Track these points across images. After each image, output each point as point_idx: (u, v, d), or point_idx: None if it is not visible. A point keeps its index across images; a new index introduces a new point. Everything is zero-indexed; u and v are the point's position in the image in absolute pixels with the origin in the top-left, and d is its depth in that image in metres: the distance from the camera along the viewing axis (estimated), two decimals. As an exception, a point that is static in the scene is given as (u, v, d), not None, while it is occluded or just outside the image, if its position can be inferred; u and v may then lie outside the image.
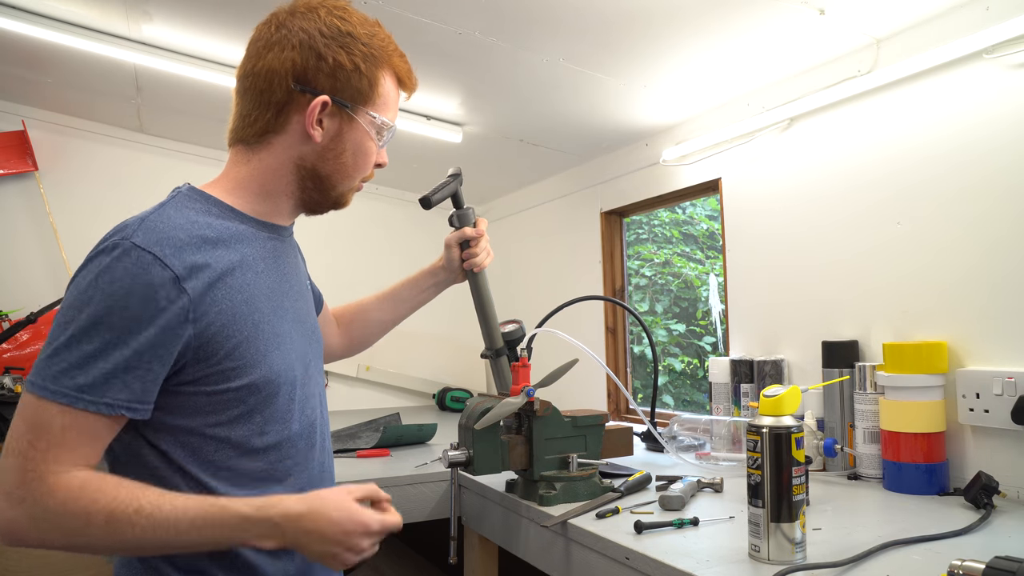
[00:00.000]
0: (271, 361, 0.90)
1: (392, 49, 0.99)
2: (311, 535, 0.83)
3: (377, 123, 0.98)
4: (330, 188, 0.99)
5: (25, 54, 2.13)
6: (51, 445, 0.77)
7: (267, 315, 0.92)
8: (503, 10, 1.60)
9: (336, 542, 0.84)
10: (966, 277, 1.40)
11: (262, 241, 0.96)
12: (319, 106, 0.92)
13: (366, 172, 1.02)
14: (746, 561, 0.95)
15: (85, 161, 2.73)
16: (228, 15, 1.79)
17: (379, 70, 0.96)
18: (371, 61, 0.95)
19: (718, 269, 2.60)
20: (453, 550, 1.30)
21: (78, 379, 0.77)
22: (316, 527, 0.83)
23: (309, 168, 0.96)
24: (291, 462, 0.95)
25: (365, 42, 0.94)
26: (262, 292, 0.93)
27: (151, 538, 0.78)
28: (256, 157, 0.95)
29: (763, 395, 0.99)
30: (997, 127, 1.35)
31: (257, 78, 0.92)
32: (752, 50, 1.66)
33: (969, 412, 1.35)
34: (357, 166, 0.99)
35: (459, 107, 2.22)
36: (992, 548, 0.98)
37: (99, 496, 0.77)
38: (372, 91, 0.96)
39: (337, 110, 0.94)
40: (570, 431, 1.35)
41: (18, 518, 0.76)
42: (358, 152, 0.98)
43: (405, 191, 3.31)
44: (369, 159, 1.00)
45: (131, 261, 0.80)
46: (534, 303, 3.05)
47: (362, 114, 0.96)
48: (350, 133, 0.96)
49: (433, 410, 3.03)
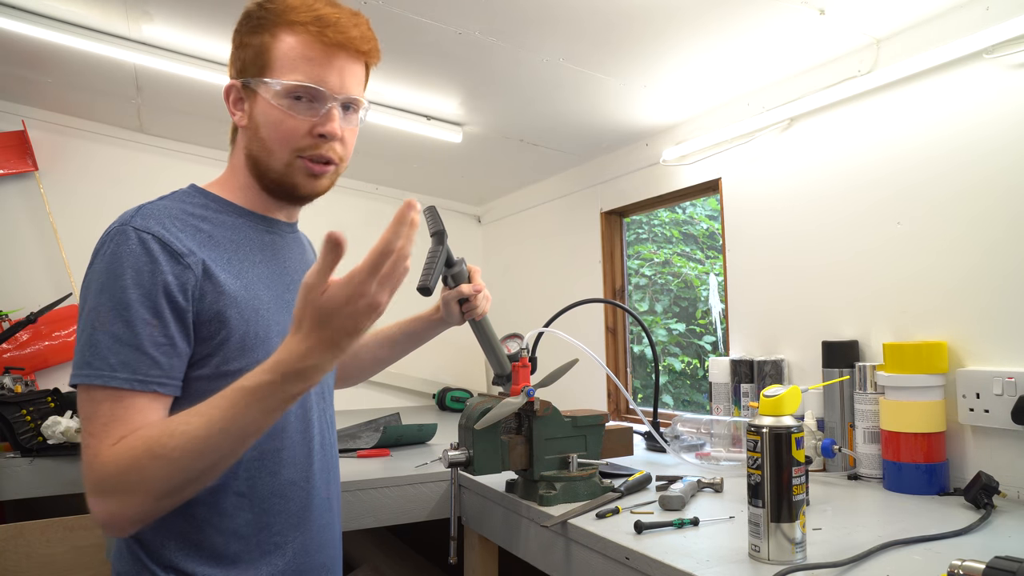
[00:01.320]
0: (270, 347, 0.88)
1: (288, 8, 0.91)
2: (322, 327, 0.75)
3: (273, 87, 0.91)
4: (266, 170, 0.95)
5: (25, 54, 2.13)
6: (104, 425, 0.80)
7: (267, 303, 0.94)
8: (503, 10, 1.60)
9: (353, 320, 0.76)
10: (966, 277, 1.40)
11: (259, 234, 0.99)
12: (232, 91, 0.95)
13: (291, 143, 0.93)
14: (746, 561, 0.95)
15: (85, 161, 2.73)
16: (228, 15, 1.78)
17: (264, 34, 0.92)
18: (257, 29, 0.92)
19: (718, 269, 2.60)
20: (453, 550, 1.30)
21: (109, 359, 0.81)
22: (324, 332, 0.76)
23: (249, 155, 0.97)
24: (286, 453, 0.96)
25: (257, 14, 0.92)
26: (262, 281, 0.95)
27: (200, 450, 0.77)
28: (233, 154, 1.01)
29: (763, 395, 0.99)
30: (997, 127, 1.35)
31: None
32: (752, 50, 1.66)
33: (969, 412, 1.35)
34: (272, 139, 0.93)
35: (459, 107, 2.22)
36: (992, 548, 0.98)
37: (136, 441, 0.79)
38: (263, 58, 0.92)
39: (245, 90, 0.95)
40: (570, 431, 1.35)
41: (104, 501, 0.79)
42: (268, 124, 0.93)
43: (405, 191, 3.31)
44: (282, 128, 0.92)
45: (134, 242, 0.84)
46: (534, 303, 3.06)
47: (259, 84, 0.92)
48: (256, 107, 0.94)
49: (433, 410, 3.03)
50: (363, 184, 3.21)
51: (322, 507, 1.02)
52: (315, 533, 1.00)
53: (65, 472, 1.93)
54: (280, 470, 0.96)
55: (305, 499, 0.99)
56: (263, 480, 0.94)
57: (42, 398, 2.12)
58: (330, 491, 1.06)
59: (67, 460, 1.94)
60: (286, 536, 0.96)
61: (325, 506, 1.03)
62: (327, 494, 1.04)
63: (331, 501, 1.06)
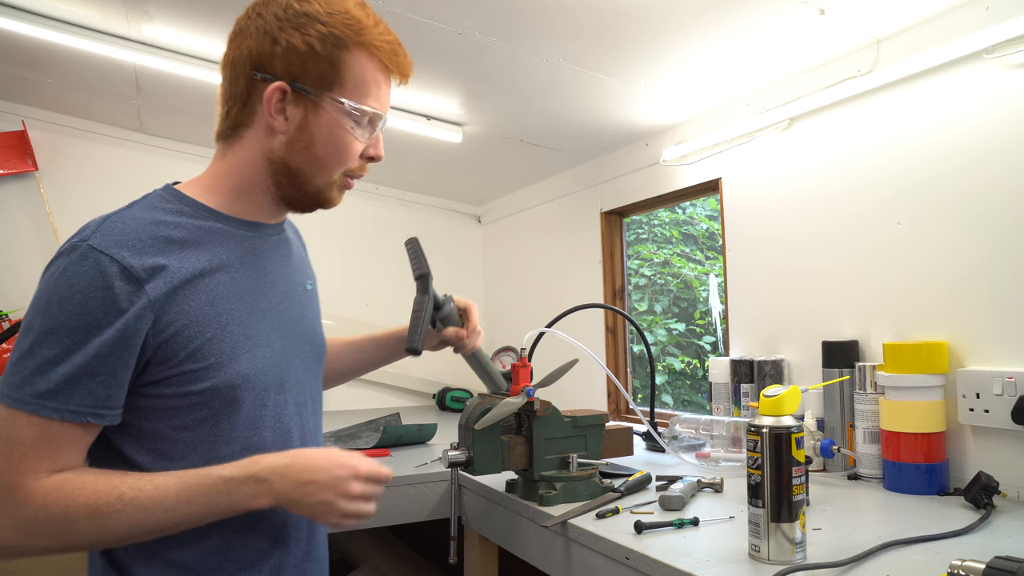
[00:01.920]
0: (238, 365, 0.87)
1: (365, 26, 0.89)
2: (299, 484, 0.82)
3: (347, 109, 0.89)
4: (304, 183, 0.92)
5: (25, 54, 2.13)
6: (24, 455, 0.76)
7: (238, 316, 0.89)
8: (503, 10, 1.60)
9: (326, 486, 0.83)
10: (966, 277, 1.40)
11: (238, 240, 0.93)
12: (276, 93, 0.87)
13: (345, 164, 0.93)
14: (746, 561, 0.95)
15: (85, 161, 2.73)
16: (228, 15, 1.78)
17: (342, 51, 0.88)
18: (330, 41, 0.87)
19: (718, 270, 2.60)
20: (453, 550, 1.30)
21: (39, 386, 0.76)
22: (303, 475, 0.83)
23: (279, 161, 0.91)
24: None
25: (323, 20, 0.86)
26: (234, 293, 0.89)
27: (140, 522, 0.78)
28: (231, 151, 0.93)
29: (763, 395, 0.99)
30: (997, 127, 1.35)
31: (225, 70, 0.92)
32: (752, 50, 1.66)
33: (969, 412, 1.35)
34: (330, 158, 0.91)
35: (459, 107, 2.22)
36: (992, 548, 0.98)
37: (77, 493, 0.77)
38: (336, 74, 0.88)
39: (299, 97, 0.88)
40: (570, 431, 1.35)
41: (3, 530, 0.76)
42: (329, 142, 0.90)
43: (405, 191, 3.31)
44: (345, 150, 0.91)
45: (88, 264, 0.78)
46: (534, 303, 3.06)
47: (327, 100, 0.88)
48: (316, 121, 0.89)
49: (433, 410, 3.03)
50: (363, 184, 3.21)
51: (302, 521, 0.97)
52: (293, 548, 0.96)
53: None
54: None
55: (283, 514, 0.93)
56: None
57: (42, 398, 2.12)
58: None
59: (67, 460, 1.94)
60: (264, 552, 0.92)
61: (305, 521, 0.98)
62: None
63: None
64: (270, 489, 0.82)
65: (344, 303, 3.13)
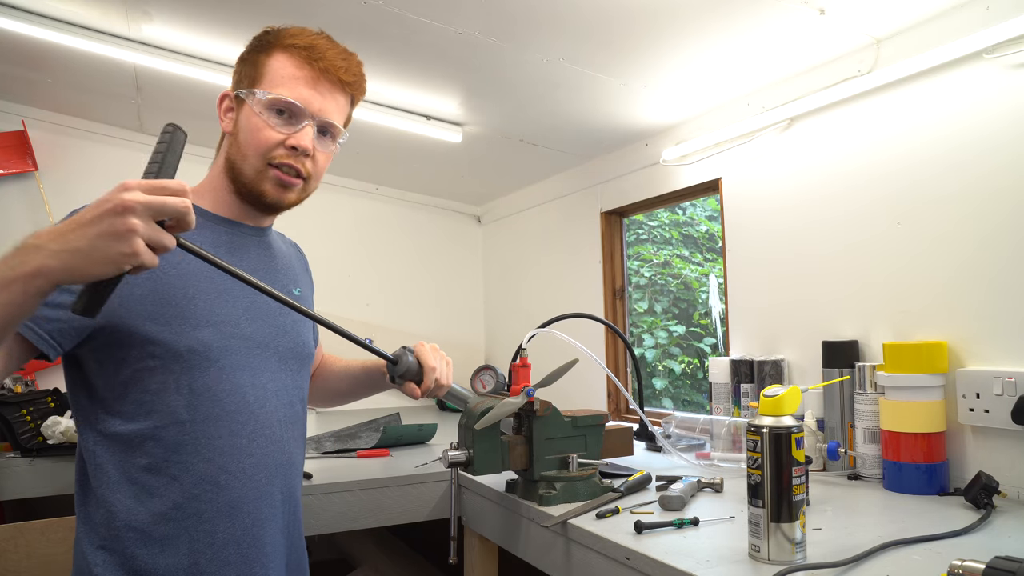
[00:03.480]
0: (200, 333, 0.95)
1: (289, 34, 1.02)
2: (67, 225, 0.72)
3: (262, 100, 1.00)
4: (239, 174, 1.02)
5: (25, 54, 2.13)
6: None
7: (206, 293, 0.97)
8: (503, 10, 1.60)
9: (93, 210, 0.71)
10: (966, 277, 1.40)
11: (217, 233, 1.03)
12: (225, 100, 1.04)
13: (263, 150, 1.00)
14: (746, 561, 0.95)
15: (85, 161, 2.73)
16: (228, 15, 1.79)
17: (264, 52, 1.02)
18: (258, 48, 1.03)
19: (718, 271, 2.60)
20: (453, 550, 1.30)
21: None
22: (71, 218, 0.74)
23: (228, 159, 1.04)
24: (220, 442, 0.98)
25: (261, 38, 1.03)
26: (204, 273, 0.97)
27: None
28: (215, 160, 1.08)
29: (763, 395, 0.99)
30: (998, 127, 1.35)
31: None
32: (752, 50, 1.66)
33: (969, 412, 1.35)
34: (249, 144, 1.01)
35: (459, 107, 2.22)
36: (992, 548, 0.98)
37: None
38: (257, 71, 1.02)
39: (237, 100, 1.03)
40: (570, 431, 1.35)
41: None
42: (248, 130, 1.01)
43: (405, 191, 3.31)
44: (259, 135, 0.99)
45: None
46: (534, 303, 3.05)
47: (249, 96, 1.01)
48: (242, 115, 1.02)
49: (433, 410, 3.03)
50: (363, 184, 3.21)
51: (260, 501, 1.01)
52: (250, 527, 0.99)
53: (65, 472, 1.93)
54: (214, 457, 0.96)
55: (240, 490, 0.98)
56: (195, 465, 0.95)
57: (42, 398, 2.12)
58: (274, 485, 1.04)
59: (67, 460, 1.94)
60: (215, 524, 0.96)
61: (265, 501, 1.02)
62: (268, 489, 1.03)
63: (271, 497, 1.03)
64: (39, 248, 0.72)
65: (344, 303, 3.13)
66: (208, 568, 0.96)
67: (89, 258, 0.71)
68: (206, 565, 0.95)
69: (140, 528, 0.93)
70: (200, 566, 0.95)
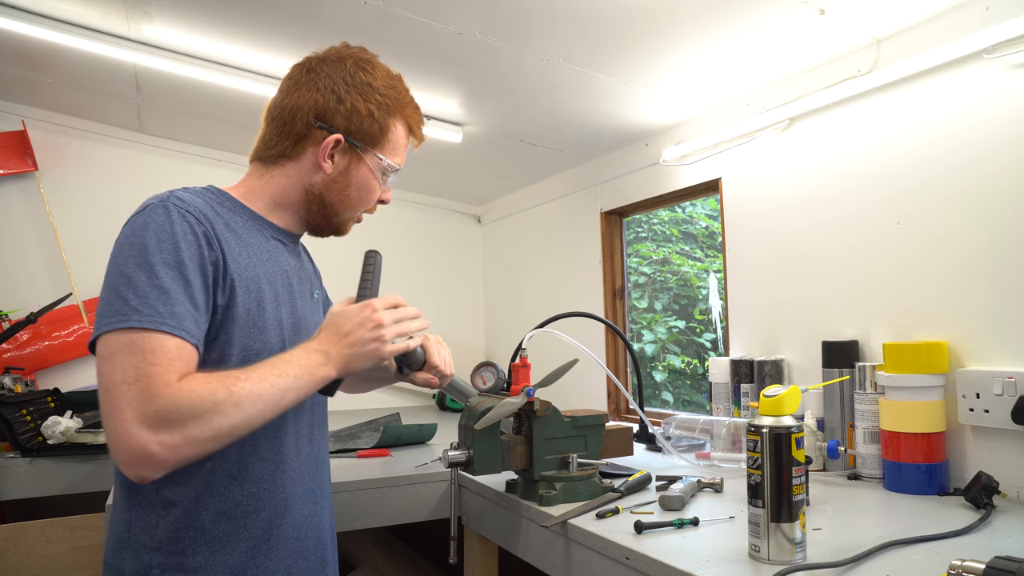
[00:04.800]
0: (268, 336, 1.00)
1: (407, 101, 1.11)
2: (339, 336, 0.97)
3: (383, 165, 1.10)
4: (333, 215, 1.11)
5: (25, 54, 2.14)
6: (171, 360, 0.84)
7: (268, 297, 1.02)
8: (503, 10, 1.60)
9: (358, 327, 0.97)
10: (966, 277, 1.40)
11: (265, 238, 1.06)
12: (332, 142, 1.05)
13: (367, 206, 1.14)
14: (746, 561, 0.95)
15: (85, 161, 2.73)
16: (228, 15, 1.79)
17: (391, 118, 1.08)
18: (384, 109, 1.07)
19: (717, 265, 2.60)
20: (453, 550, 1.30)
21: (160, 309, 0.86)
22: (340, 330, 0.97)
23: (317, 195, 1.09)
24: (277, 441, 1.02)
25: (383, 93, 1.07)
26: (264, 276, 1.02)
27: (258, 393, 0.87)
28: (269, 174, 1.08)
29: (763, 395, 0.99)
30: (998, 127, 1.35)
31: (283, 111, 1.06)
32: (752, 50, 1.66)
33: (969, 412, 1.35)
34: (360, 199, 1.11)
35: (459, 107, 2.22)
36: (992, 548, 0.98)
37: (210, 377, 0.86)
38: (383, 136, 1.08)
39: (348, 148, 1.07)
40: (570, 431, 1.35)
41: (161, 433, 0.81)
42: (362, 187, 1.10)
43: (405, 191, 3.31)
44: (372, 195, 1.12)
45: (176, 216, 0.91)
46: (534, 303, 3.06)
47: (370, 155, 1.08)
48: (357, 170, 1.08)
49: (433, 410, 3.03)
50: (363, 184, 3.21)
51: (307, 497, 1.07)
52: (299, 522, 1.05)
53: (65, 472, 1.93)
54: (271, 456, 1.01)
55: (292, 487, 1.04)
56: (254, 464, 0.99)
57: (42, 398, 2.12)
58: (315, 483, 1.11)
59: (67, 460, 1.94)
60: (271, 521, 1.01)
61: (310, 497, 1.08)
62: (312, 486, 1.09)
63: (315, 494, 1.10)
64: (322, 350, 0.95)
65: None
66: (264, 563, 0.99)
67: (355, 361, 0.98)
68: (262, 560, 0.99)
69: (200, 527, 0.94)
70: (257, 561, 0.98)
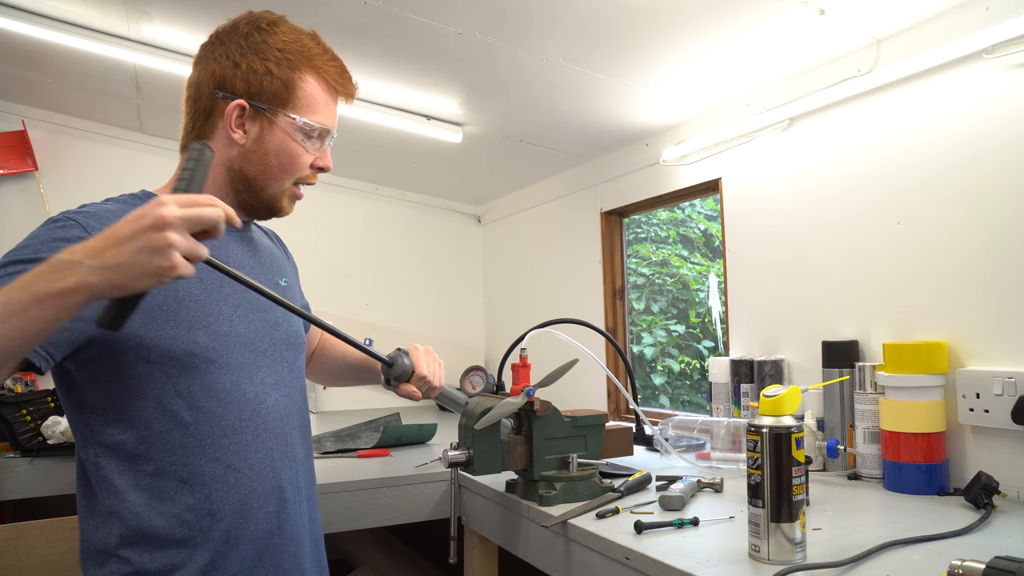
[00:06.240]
0: (195, 335, 0.95)
1: (316, 52, 1.02)
2: (103, 241, 0.73)
3: (298, 124, 1.01)
4: (259, 190, 1.03)
5: (25, 54, 2.13)
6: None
7: (196, 295, 0.96)
8: (503, 10, 1.60)
9: (129, 225, 0.72)
10: (966, 277, 1.40)
11: None
12: (235, 109, 0.99)
13: (296, 173, 1.04)
14: (746, 561, 0.95)
15: (85, 161, 2.73)
16: (228, 15, 1.78)
17: (295, 72, 1.00)
18: (284, 64, 1.00)
19: (716, 270, 2.60)
20: (453, 550, 1.30)
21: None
22: (105, 232, 0.74)
23: (238, 170, 1.02)
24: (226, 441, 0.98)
25: (280, 47, 1.00)
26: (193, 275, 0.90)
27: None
28: None
29: (763, 395, 0.99)
30: (997, 127, 1.35)
31: (191, 89, 1.03)
32: (752, 50, 1.66)
33: (969, 412, 1.35)
34: (283, 167, 1.02)
35: (459, 107, 2.22)
36: (992, 548, 0.98)
37: None
38: (289, 93, 1.00)
39: (256, 113, 1.00)
40: (570, 431, 1.35)
41: None
42: (282, 153, 1.02)
43: (405, 191, 3.31)
44: (295, 160, 1.03)
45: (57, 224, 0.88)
46: (534, 303, 3.06)
47: (281, 116, 1.00)
48: (270, 135, 1.01)
49: (433, 410, 3.03)
50: (363, 184, 3.21)
51: (270, 495, 1.02)
52: (262, 521, 1.00)
53: (65, 472, 1.93)
54: (220, 456, 0.97)
55: (249, 486, 0.99)
56: (203, 465, 0.96)
57: (42, 398, 2.12)
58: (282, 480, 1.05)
59: (67, 460, 1.94)
60: (230, 522, 0.97)
61: (274, 495, 1.03)
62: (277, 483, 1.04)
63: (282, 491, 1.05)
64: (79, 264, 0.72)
65: (344, 303, 3.13)
66: (228, 566, 0.97)
67: (130, 273, 0.72)
68: (221, 563, 0.96)
69: (156, 534, 0.92)
70: (216, 563, 0.96)
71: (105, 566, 0.92)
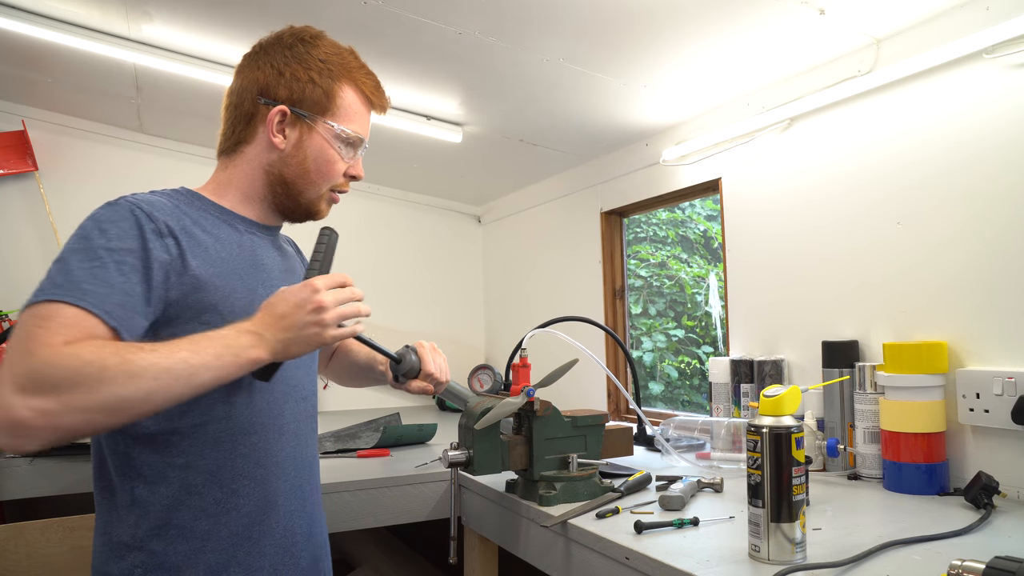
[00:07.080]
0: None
1: (355, 66, 1.08)
2: (275, 319, 0.90)
3: (336, 132, 1.06)
4: (297, 194, 1.08)
5: (25, 54, 2.13)
6: (63, 326, 0.80)
7: (239, 291, 1.00)
8: (503, 10, 1.60)
9: (295, 308, 0.90)
10: (966, 277, 1.40)
11: (238, 234, 1.05)
12: (277, 115, 1.03)
13: (332, 180, 1.09)
14: (746, 561, 0.95)
15: (85, 161, 2.73)
16: (228, 15, 1.79)
17: (335, 82, 1.05)
18: (326, 74, 1.05)
19: (716, 273, 2.60)
20: (453, 550, 1.30)
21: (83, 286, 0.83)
22: (275, 312, 0.90)
23: (277, 174, 1.06)
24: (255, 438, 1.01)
25: (322, 58, 1.05)
26: (235, 270, 1.01)
27: (163, 367, 0.80)
28: (232, 164, 1.07)
29: (763, 395, 0.99)
30: (998, 127, 1.35)
31: (232, 96, 1.07)
32: (752, 50, 1.66)
33: (969, 412, 1.35)
34: (321, 172, 1.07)
35: (459, 107, 2.22)
36: (992, 548, 0.98)
37: (104, 344, 0.81)
38: (329, 102, 1.05)
39: (296, 120, 1.04)
40: (570, 431, 1.35)
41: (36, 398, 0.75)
42: (320, 159, 1.06)
43: (405, 191, 3.31)
44: (332, 167, 1.08)
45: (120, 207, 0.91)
46: (534, 303, 3.06)
47: (320, 123, 1.05)
48: (310, 140, 1.05)
49: (433, 410, 3.03)
50: (363, 184, 3.21)
51: (291, 494, 1.06)
52: (282, 519, 1.04)
53: (66, 472, 1.93)
54: (250, 453, 1.00)
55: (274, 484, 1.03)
56: (232, 461, 0.98)
57: (42, 398, 2.11)
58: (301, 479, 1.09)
59: (67, 460, 1.94)
60: (253, 518, 1.00)
61: (296, 494, 1.07)
62: (298, 482, 1.08)
63: (302, 490, 1.09)
64: (257, 332, 0.88)
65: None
66: (247, 560, 0.99)
67: (295, 345, 0.90)
68: (244, 557, 0.98)
69: (180, 524, 0.94)
70: (239, 559, 0.98)
71: (126, 558, 0.92)
